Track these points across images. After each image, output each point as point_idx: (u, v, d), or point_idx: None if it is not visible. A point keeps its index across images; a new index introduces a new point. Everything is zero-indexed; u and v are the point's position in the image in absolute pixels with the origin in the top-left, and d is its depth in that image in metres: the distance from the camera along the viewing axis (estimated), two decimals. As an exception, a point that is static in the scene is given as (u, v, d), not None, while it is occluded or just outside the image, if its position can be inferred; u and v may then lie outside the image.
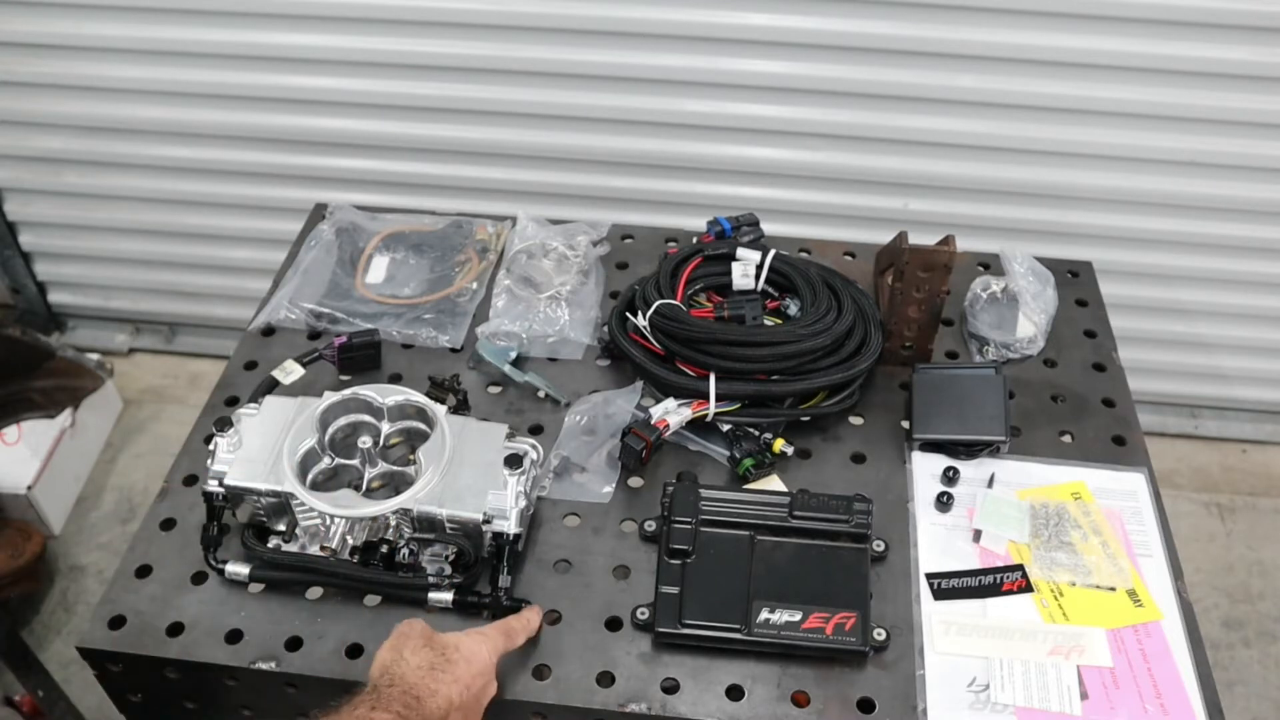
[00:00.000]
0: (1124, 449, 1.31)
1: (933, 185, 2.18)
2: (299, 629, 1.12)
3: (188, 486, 1.26)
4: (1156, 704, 1.06)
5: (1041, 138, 2.09)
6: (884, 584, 1.16)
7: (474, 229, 1.58)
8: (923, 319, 1.36)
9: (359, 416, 1.20)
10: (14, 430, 2.16)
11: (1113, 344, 1.45)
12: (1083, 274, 1.56)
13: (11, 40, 2.18)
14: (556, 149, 2.20)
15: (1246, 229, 2.19)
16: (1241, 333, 2.38)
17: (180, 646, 1.10)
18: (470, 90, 2.13)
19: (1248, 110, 2.02)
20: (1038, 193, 2.17)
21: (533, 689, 1.07)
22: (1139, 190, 2.15)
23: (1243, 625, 2.19)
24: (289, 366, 1.33)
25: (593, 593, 1.15)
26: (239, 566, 1.14)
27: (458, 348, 1.42)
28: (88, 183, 2.39)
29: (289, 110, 2.20)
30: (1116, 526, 1.21)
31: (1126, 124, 2.06)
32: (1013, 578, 1.16)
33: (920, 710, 1.06)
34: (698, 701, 1.06)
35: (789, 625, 1.09)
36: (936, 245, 1.31)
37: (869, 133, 2.12)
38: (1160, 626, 1.13)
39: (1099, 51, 1.97)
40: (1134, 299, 2.29)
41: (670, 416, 1.26)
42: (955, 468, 1.26)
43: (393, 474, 1.17)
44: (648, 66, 2.05)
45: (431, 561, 1.13)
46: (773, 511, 1.17)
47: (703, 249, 1.41)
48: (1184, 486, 2.45)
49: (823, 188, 2.21)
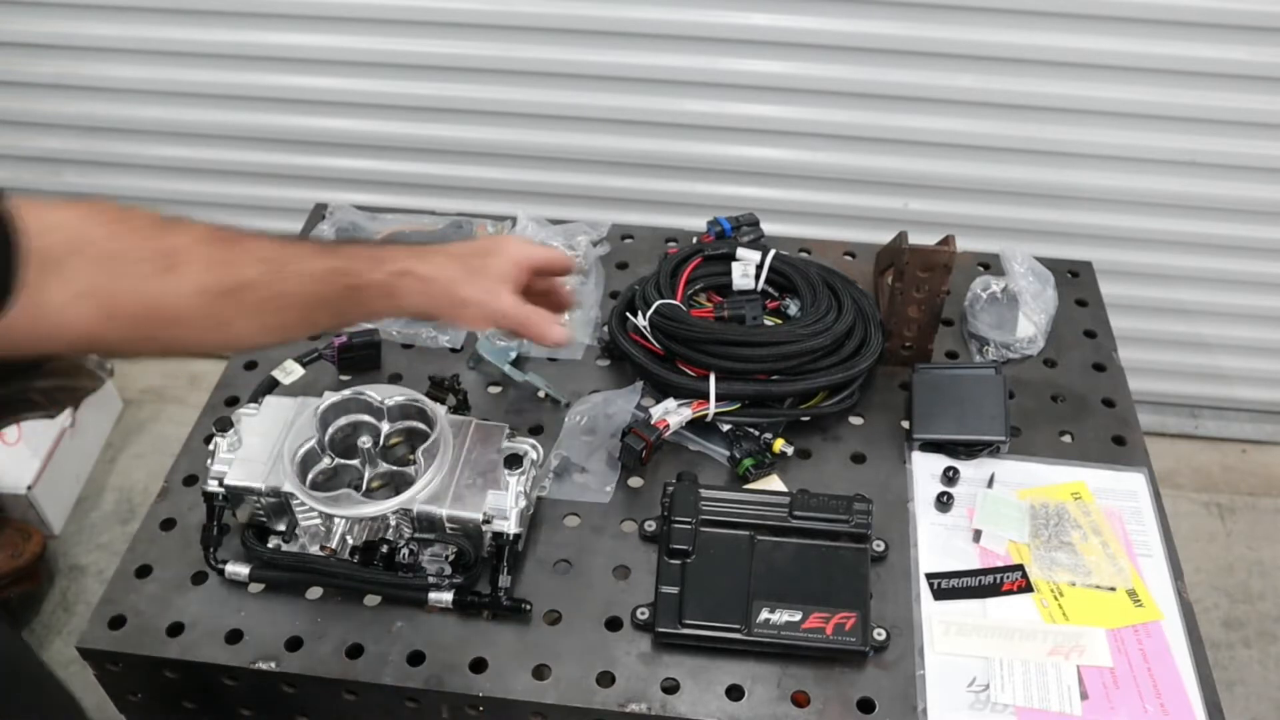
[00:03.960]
0: (1124, 449, 1.31)
1: (933, 185, 2.18)
2: (299, 629, 1.12)
3: (188, 486, 1.26)
4: (1156, 704, 1.06)
5: (1041, 138, 2.09)
6: (884, 584, 1.16)
7: (474, 229, 1.58)
8: (923, 319, 1.36)
9: (359, 416, 1.20)
10: (14, 430, 2.15)
11: (1113, 344, 1.45)
12: (1083, 274, 1.56)
13: (11, 40, 2.18)
14: (556, 149, 2.19)
15: (1246, 229, 2.19)
16: (1241, 333, 2.38)
17: (180, 646, 1.11)
18: (470, 90, 2.13)
19: (1248, 110, 2.02)
20: (1038, 193, 2.17)
21: (533, 689, 1.07)
22: (1139, 190, 2.15)
23: (1243, 625, 2.19)
24: (289, 366, 1.33)
25: (593, 593, 1.15)
26: (239, 566, 1.14)
27: (458, 348, 1.42)
28: (88, 183, 2.39)
29: (289, 110, 2.20)
30: (1116, 526, 1.21)
31: (1126, 124, 2.06)
32: (1013, 578, 1.16)
33: (920, 710, 1.06)
34: (698, 701, 1.06)
35: (789, 625, 1.09)
36: (936, 245, 1.31)
37: (869, 133, 2.11)
38: (1160, 626, 1.13)
39: (1099, 51, 1.97)
40: (1134, 299, 2.29)
41: (670, 416, 1.26)
42: (955, 468, 1.26)
43: (393, 474, 1.17)
44: (648, 66, 2.05)
45: (431, 561, 1.13)
46: (773, 511, 1.17)
47: (703, 249, 1.41)
48: (1184, 486, 2.45)
49: (823, 188, 2.21)
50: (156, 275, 0.90)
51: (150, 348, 0.97)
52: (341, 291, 0.99)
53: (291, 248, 0.98)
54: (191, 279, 0.91)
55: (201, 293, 0.91)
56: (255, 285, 0.94)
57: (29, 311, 0.85)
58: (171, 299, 0.90)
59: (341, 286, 0.98)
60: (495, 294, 1.06)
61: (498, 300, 1.06)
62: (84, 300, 0.88)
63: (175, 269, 0.90)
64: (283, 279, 0.95)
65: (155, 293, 0.90)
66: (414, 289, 1.02)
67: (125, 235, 0.90)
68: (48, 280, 0.86)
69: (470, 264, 1.06)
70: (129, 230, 0.90)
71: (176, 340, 0.95)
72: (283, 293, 0.95)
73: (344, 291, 0.99)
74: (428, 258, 1.04)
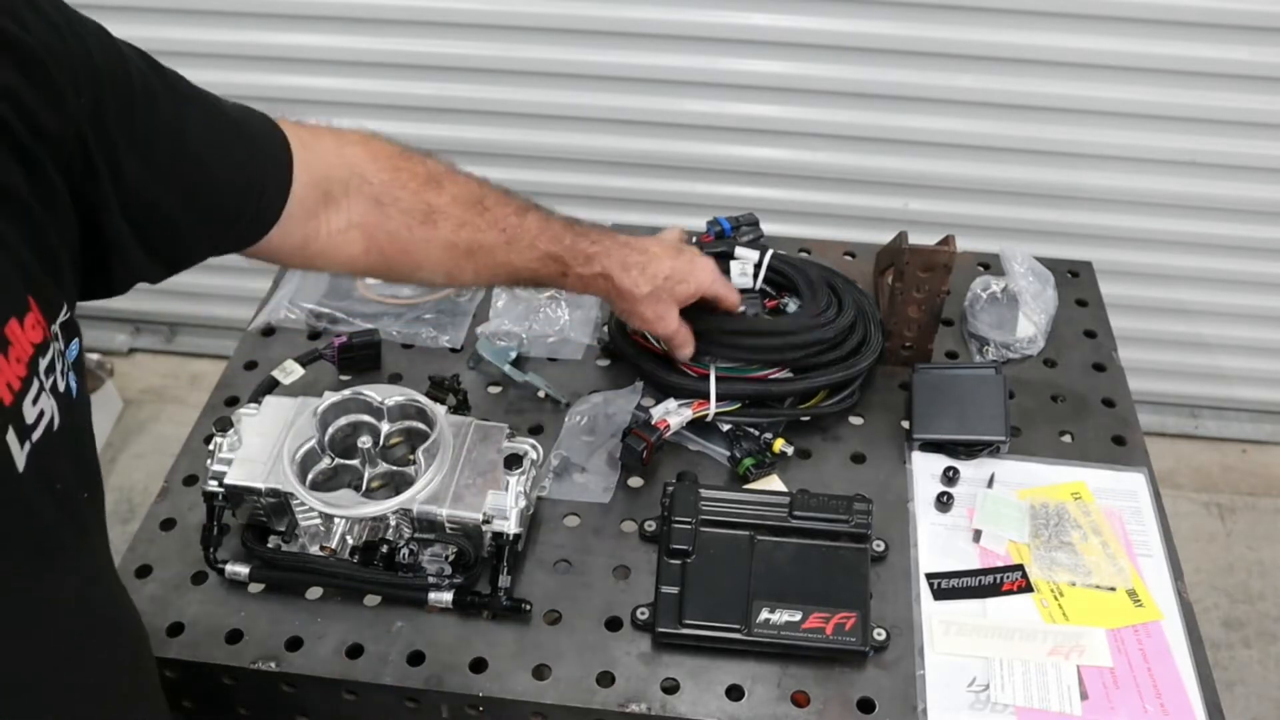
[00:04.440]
0: (1124, 449, 1.31)
1: (933, 185, 2.18)
2: (299, 629, 1.12)
3: (188, 486, 1.26)
4: (1156, 704, 1.06)
5: (1041, 138, 2.09)
6: (884, 584, 1.16)
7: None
8: (923, 319, 1.36)
9: (359, 416, 1.20)
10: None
11: (1113, 344, 1.45)
12: (1083, 274, 1.56)
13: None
14: (556, 149, 2.20)
15: (1246, 229, 2.19)
16: (1241, 333, 2.38)
17: (180, 646, 1.10)
18: (470, 90, 2.13)
19: (1248, 110, 2.02)
20: (1038, 193, 2.17)
21: (533, 689, 1.07)
22: (1139, 190, 2.15)
23: (1243, 625, 2.19)
24: (289, 366, 1.33)
25: (593, 593, 1.15)
26: (239, 566, 1.14)
27: (458, 348, 1.42)
28: (88, 183, 2.39)
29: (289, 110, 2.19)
30: (1116, 526, 1.21)
31: (1126, 124, 2.06)
32: (1013, 578, 1.16)
33: (920, 710, 1.06)
34: (698, 701, 1.06)
35: (789, 625, 1.09)
36: (936, 245, 1.31)
37: (869, 133, 2.12)
38: (1160, 626, 1.13)
39: (1099, 51, 1.97)
40: (1134, 299, 2.29)
41: (671, 417, 1.26)
42: (955, 468, 1.26)
43: (393, 474, 1.17)
44: (648, 66, 2.05)
45: (431, 561, 1.13)
46: (773, 511, 1.17)
47: (701, 249, 1.41)
48: (1184, 486, 2.45)
49: (823, 188, 2.21)
50: (417, 225, 1.06)
51: (394, 276, 1.14)
52: (553, 273, 1.15)
53: (527, 222, 1.12)
54: (444, 235, 1.08)
55: (449, 248, 1.09)
56: (491, 250, 1.10)
57: (304, 231, 1.00)
58: (423, 247, 1.08)
59: (555, 271, 1.15)
60: (665, 319, 1.21)
61: (664, 324, 1.22)
62: (354, 231, 1.04)
63: (433, 224, 1.07)
64: (513, 251, 1.12)
65: (412, 240, 1.07)
66: (604, 289, 1.19)
67: (400, 185, 1.05)
68: (328, 208, 1.02)
69: (662, 287, 1.19)
70: (404, 180, 1.06)
71: (416, 277, 1.13)
72: (509, 261, 1.12)
73: (554, 274, 1.16)
74: (630, 269, 1.18)
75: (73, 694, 0.77)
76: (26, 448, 0.68)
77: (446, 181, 1.08)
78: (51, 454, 0.70)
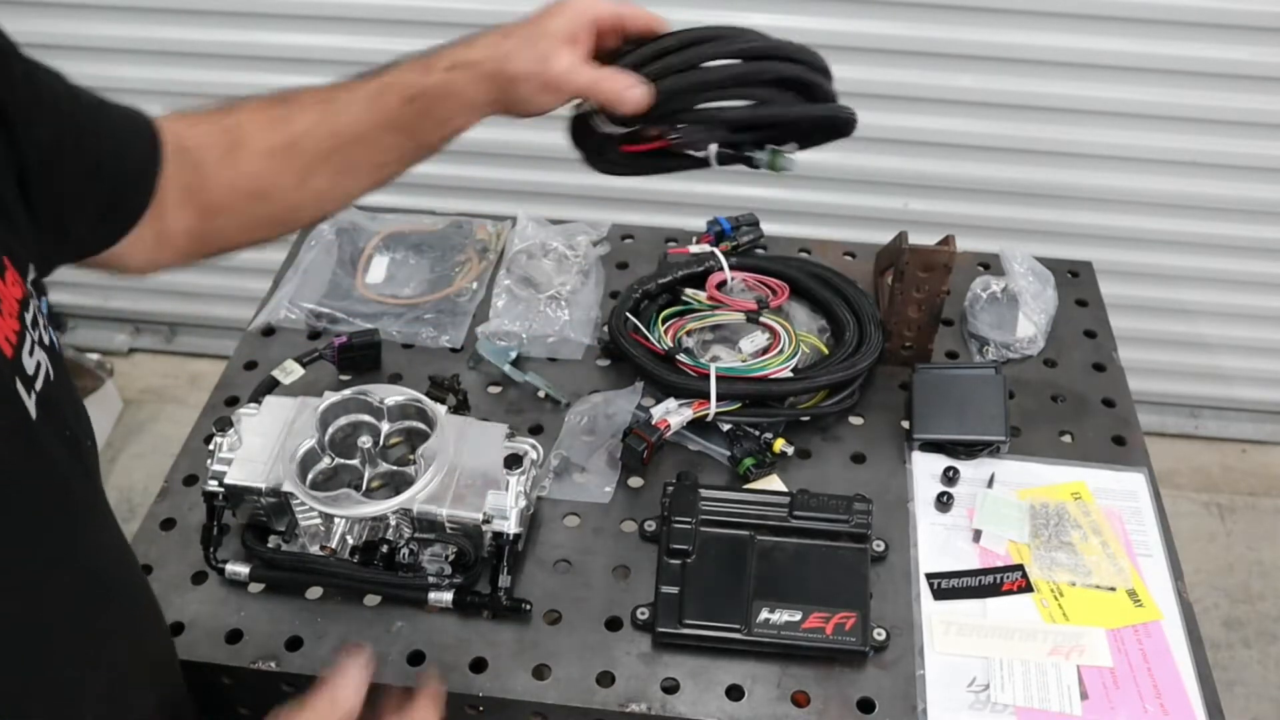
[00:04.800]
0: (1124, 449, 1.31)
1: (933, 185, 2.18)
2: (299, 629, 1.12)
3: (188, 486, 1.26)
4: (1156, 704, 1.06)
5: (1041, 138, 2.09)
6: (884, 584, 1.16)
7: (474, 229, 1.58)
8: (923, 319, 1.36)
9: (359, 416, 1.20)
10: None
11: (1113, 344, 1.45)
12: (1083, 274, 1.56)
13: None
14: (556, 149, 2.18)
15: (1246, 229, 2.19)
16: (1241, 333, 2.38)
17: (180, 646, 1.10)
18: (470, 90, 2.13)
19: (1248, 110, 2.02)
20: (1038, 193, 2.17)
21: (533, 689, 1.07)
22: (1139, 190, 2.15)
23: (1243, 625, 2.20)
24: (289, 366, 1.33)
25: (593, 593, 1.15)
26: (239, 566, 1.14)
27: (458, 348, 1.42)
28: (88, 183, 2.39)
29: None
30: (1116, 526, 1.21)
31: (1126, 124, 2.06)
32: (1013, 578, 1.16)
33: (920, 710, 1.06)
34: (698, 701, 1.06)
35: (789, 625, 1.09)
36: (936, 245, 1.31)
37: (869, 133, 2.10)
38: (1160, 626, 1.13)
39: (1099, 51, 1.97)
40: (1134, 299, 2.29)
41: (671, 417, 1.26)
42: (955, 468, 1.26)
43: (393, 474, 1.17)
44: (648, 66, 2.05)
45: (431, 561, 1.13)
46: (773, 511, 1.17)
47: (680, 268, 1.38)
48: (1184, 486, 2.45)
49: (823, 188, 2.21)
50: (228, 153, 0.91)
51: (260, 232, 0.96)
52: (399, 107, 0.93)
53: (344, 84, 0.94)
54: (256, 143, 0.91)
55: (269, 154, 0.91)
56: (313, 130, 0.92)
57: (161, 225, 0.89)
58: (245, 170, 0.91)
59: (397, 101, 0.93)
60: (548, 59, 0.92)
61: (551, 65, 0.92)
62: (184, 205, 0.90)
63: (241, 141, 0.91)
64: (336, 114, 0.92)
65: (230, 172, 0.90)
66: (469, 79, 0.94)
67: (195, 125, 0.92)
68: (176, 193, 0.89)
69: (522, 33, 0.94)
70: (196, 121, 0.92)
71: (273, 216, 0.95)
72: (339, 129, 0.92)
73: (402, 106, 0.93)
74: (476, 41, 0.95)
75: (96, 637, 0.79)
76: (33, 397, 0.69)
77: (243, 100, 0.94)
78: (55, 403, 0.72)
